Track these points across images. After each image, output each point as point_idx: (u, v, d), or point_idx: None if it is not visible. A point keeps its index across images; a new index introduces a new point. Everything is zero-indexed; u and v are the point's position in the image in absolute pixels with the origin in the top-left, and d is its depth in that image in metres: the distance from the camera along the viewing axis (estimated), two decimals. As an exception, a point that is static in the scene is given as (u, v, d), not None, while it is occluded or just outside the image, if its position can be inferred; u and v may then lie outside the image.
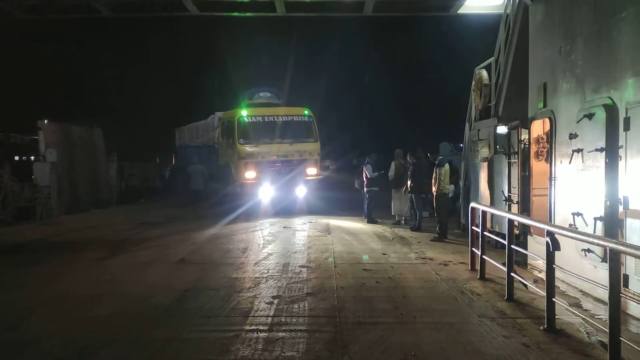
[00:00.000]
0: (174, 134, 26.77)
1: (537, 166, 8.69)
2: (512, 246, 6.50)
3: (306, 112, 17.39)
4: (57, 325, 5.69)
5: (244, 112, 16.78)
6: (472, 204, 8.36)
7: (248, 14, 13.70)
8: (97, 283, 7.64)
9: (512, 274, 6.47)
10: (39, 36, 31.06)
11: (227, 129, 17.46)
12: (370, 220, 14.09)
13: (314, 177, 16.92)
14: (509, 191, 9.38)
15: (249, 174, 16.01)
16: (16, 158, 24.35)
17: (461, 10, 12.37)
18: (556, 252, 5.21)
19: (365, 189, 14.30)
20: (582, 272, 6.04)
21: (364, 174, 14.38)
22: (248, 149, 16.30)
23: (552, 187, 7.72)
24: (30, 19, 13.44)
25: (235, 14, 13.58)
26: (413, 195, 12.90)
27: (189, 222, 14.70)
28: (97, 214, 17.81)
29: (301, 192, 16.64)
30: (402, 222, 13.85)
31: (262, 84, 19.91)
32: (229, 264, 8.92)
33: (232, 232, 12.70)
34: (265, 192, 16.06)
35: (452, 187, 13.07)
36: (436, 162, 11.73)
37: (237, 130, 16.41)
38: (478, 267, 7.74)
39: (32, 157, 20.14)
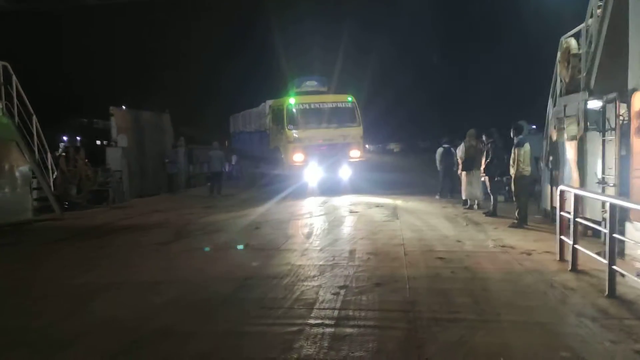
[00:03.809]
0: (229, 121, 27.49)
1: (638, 144, 7.61)
2: (615, 235, 5.61)
3: (349, 98, 18.19)
4: (111, 314, 5.46)
5: (291, 100, 17.74)
6: (562, 187, 7.45)
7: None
8: (156, 269, 7.45)
9: (615, 266, 5.59)
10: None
11: (277, 115, 18.41)
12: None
13: (358, 159, 17.88)
14: (603, 172, 8.34)
15: (297, 157, 17.16)
16: (98, 142, 25.49)
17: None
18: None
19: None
20: None
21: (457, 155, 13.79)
22: (296, 134, 17.26)
23: (659, 167, 6.69)
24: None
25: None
26: (488, 178, 12.01)
27: (251, 204, 14.68)
28: (166, 197, 18.09)
29: (346, 173, 17.67)
30: (475, 206, 12.98)
31: (316, 68, 22.08)
32: (293, 250, 8.52)
33: (294, 216, 12.39)
34: (313, 174, 17.27)
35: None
36: (515, 142, 10.76)
37: (286, 117, 17.45)
38: (568, 257, 6.87)
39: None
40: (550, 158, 11.00)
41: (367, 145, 29.50)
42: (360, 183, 17.51)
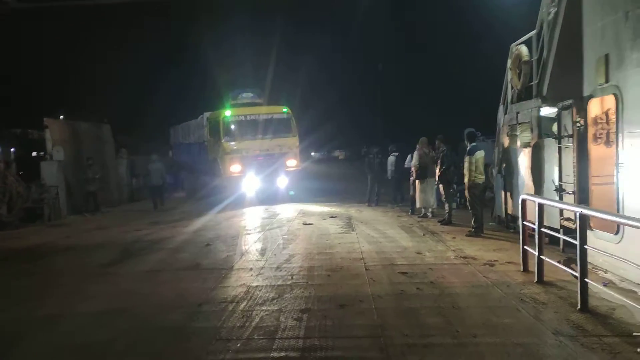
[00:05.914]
0: (170, 132, 27.22)
1: (595, 151, 7.64)
2: (587, 246, 5.46)
3: (285, 109, 18.62)
4: (47, 357, 4.78)
5: (227, 112, 18.11)
6: (523, 196, 7.33)
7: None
8: (99, 297, 6.72)
9: (587, 279, 5.43)
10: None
11: (214, 127, 18.62)
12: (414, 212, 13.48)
13: (294, 168, 18.25)
14: (560, 180, 8.32)
15: (234, 168, 17.41)
16: (34, 154, 23.81)
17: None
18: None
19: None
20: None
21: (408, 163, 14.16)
22: (232, 145, 17.50)
23: (619, 173, 6.67)
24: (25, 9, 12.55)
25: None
26: (442, 186, 11.93)
27: (197, 218, 14.24)
28: (107, 213, 17.01)
29: (282, 182, 18.03)
30: (429, 214, 12.88)
31: (249, 82, 22.39)
32: (248, 268, 8.00)
33: (246, 230, 11.87)
34: (250, 184, 17.48)
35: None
36: (467, 149, 10.71)
37: (222, 129, 17.72)
38: (533, 268, 6.71)
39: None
40: (503, 165, 11.00)
41: (312, 153, 30.04)
42: (302, 192, 17.82)
